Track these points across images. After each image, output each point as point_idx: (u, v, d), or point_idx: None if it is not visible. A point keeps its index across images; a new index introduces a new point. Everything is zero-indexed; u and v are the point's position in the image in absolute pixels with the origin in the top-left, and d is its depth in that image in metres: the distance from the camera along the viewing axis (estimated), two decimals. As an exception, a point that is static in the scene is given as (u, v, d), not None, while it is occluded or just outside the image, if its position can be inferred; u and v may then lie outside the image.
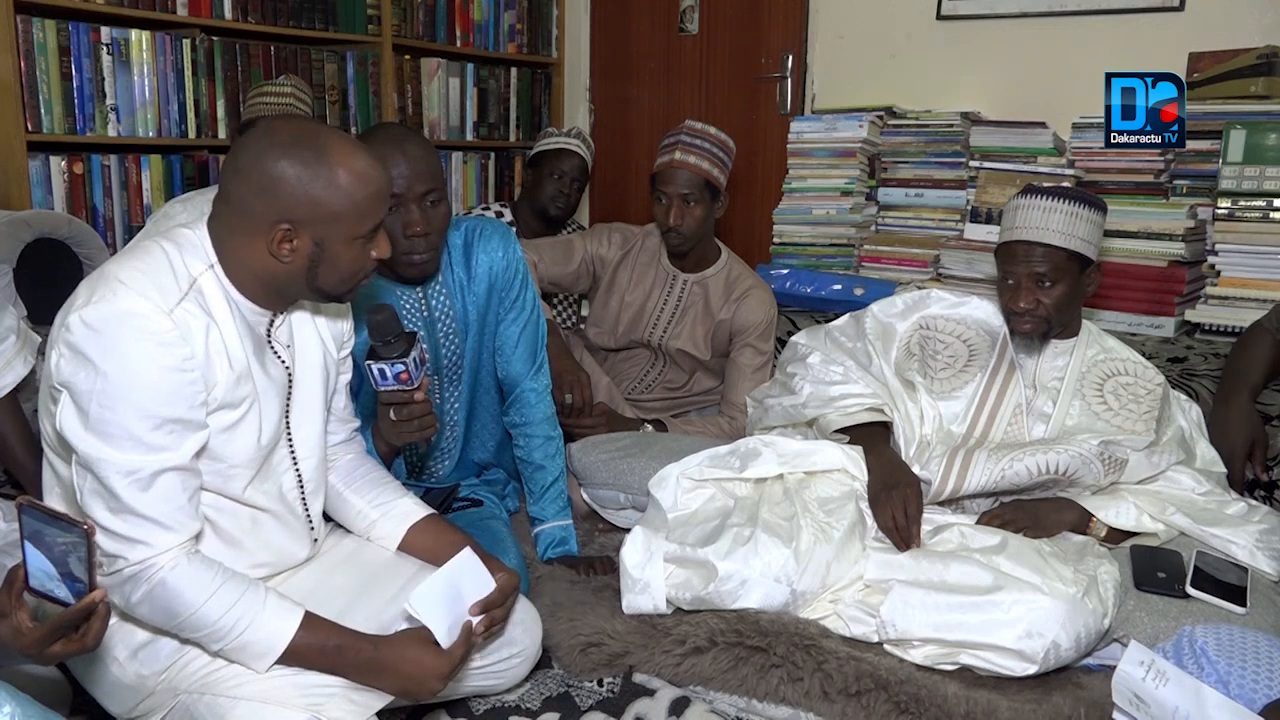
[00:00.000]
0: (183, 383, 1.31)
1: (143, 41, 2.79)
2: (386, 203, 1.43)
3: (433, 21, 3.62)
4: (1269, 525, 1.89)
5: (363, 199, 1.37)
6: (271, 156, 1.34)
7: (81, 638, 1.14)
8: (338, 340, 1.60)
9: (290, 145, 1.34)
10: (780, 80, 3.66)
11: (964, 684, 1.62)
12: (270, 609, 1.35)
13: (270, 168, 1.33)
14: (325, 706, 1.34)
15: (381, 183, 1.40)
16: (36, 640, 1.12)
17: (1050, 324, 1.99)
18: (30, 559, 1.12)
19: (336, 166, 1.35)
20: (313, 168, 1.33)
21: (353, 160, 1.36)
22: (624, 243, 2.65)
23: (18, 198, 2.60)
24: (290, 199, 1.34)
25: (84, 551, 1.10)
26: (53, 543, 1.11)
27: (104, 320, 1.27)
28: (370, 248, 1.42)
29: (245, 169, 1.35)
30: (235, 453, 1.41)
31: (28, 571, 1.13)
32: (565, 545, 2.06)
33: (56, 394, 1.30)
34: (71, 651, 1.14)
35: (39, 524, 1.11)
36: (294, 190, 1.33)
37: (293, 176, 1.33)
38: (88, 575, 1.11)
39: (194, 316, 1.34)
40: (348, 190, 1.35)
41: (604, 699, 1.65)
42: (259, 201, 1.34)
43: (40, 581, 1.13)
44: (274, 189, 1.33)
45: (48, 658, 1.15)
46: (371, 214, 1.39)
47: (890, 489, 1.86)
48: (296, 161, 1.33)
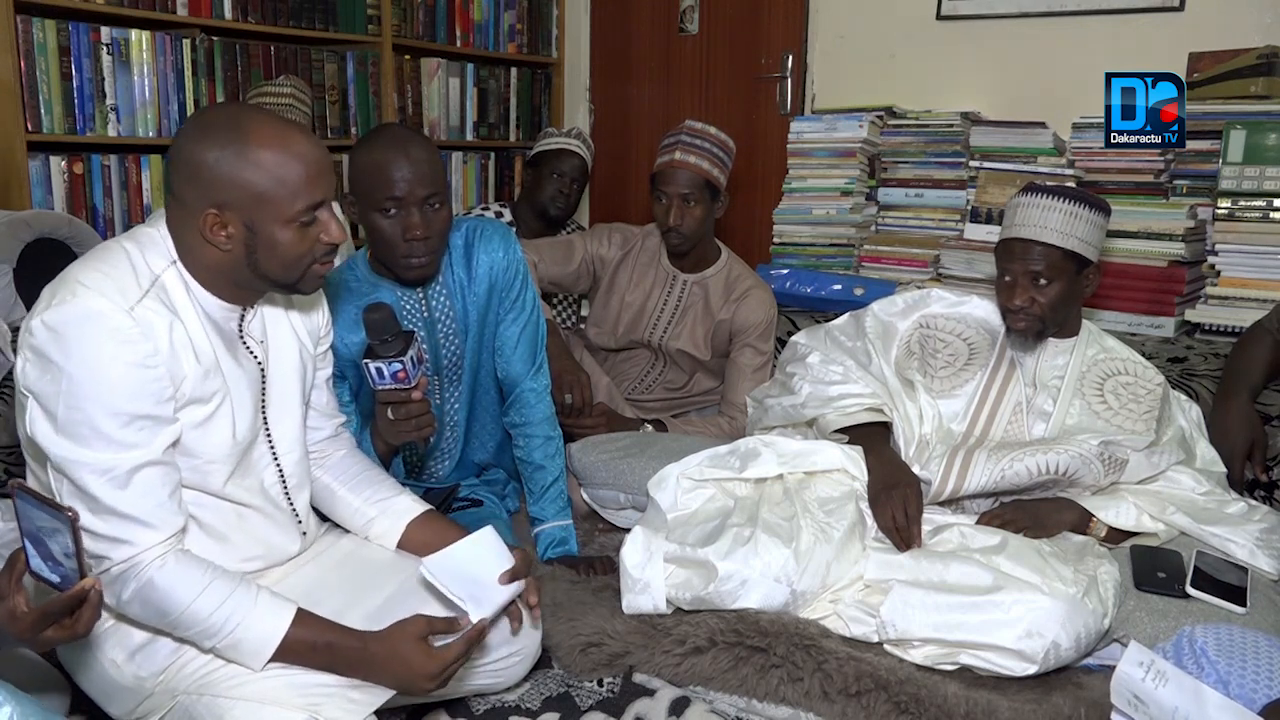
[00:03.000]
0: (147, 379, 1.31)
1: (143, 41, 2.79)
2: (321, 182, 1.37)
3: (433, 21, 3.62)
4: (1269, 525, 1.89)
5: (288, 177, 1.34)
6: (194, 141, 1.33)
7: (73, 625, 1.14)
8: (313, 335, 1.60)
9: (211, 128, 1.34)
10: (780, 80, 3.66)
11: (964, 684, 1.62)
12: (262, 606, 1.35)
13: (193, 153, 1.33)
14: (323, 706, 1.34)
15: (311, 162, 1.35)
16: (30, 625, 1.13)
17: (1045, 322, 1.99)
18: (27, 544, 1.13)
19: (258, 147, 1.33)
20: (233, 147, 1.32)
21: (277, 139, 1.34)
22: (624, 243, 2.65)
23: (18, 198, 2.60)
24: (214, 182, 1.32)
25: (69, 537, 1.10)
26: (42, 527, 1.12)
27: (64, 322, 1.27)
28: (315, 231, 1.39)
29: (175, 158, 1.35)
30: (210, 448, 1.40)
31: (27, 556, 1.14)
32: (565, 545, 2.06)
33: (24, 399, 1.30)
34: (63, 638, 1.15)
35: (31, 508, 1.12)
36: (215, 172, 1.32)
37: (213, 159, 1.32)
38: (77, 562, 1.11)
39: (156, 314, 1.33)
40: (270, 169, 1.33)
41: (604, 699, 1.65)
42: (189, 189, 1.34)
43: (38, 566, 1.14)
44: (198, 174, 1.33)
45: (41, 643, 1.16)
46: (301, 194, 1.35)
47: (890, 489, 1.86)
48: (216, 144, 1.32)
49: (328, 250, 1.42)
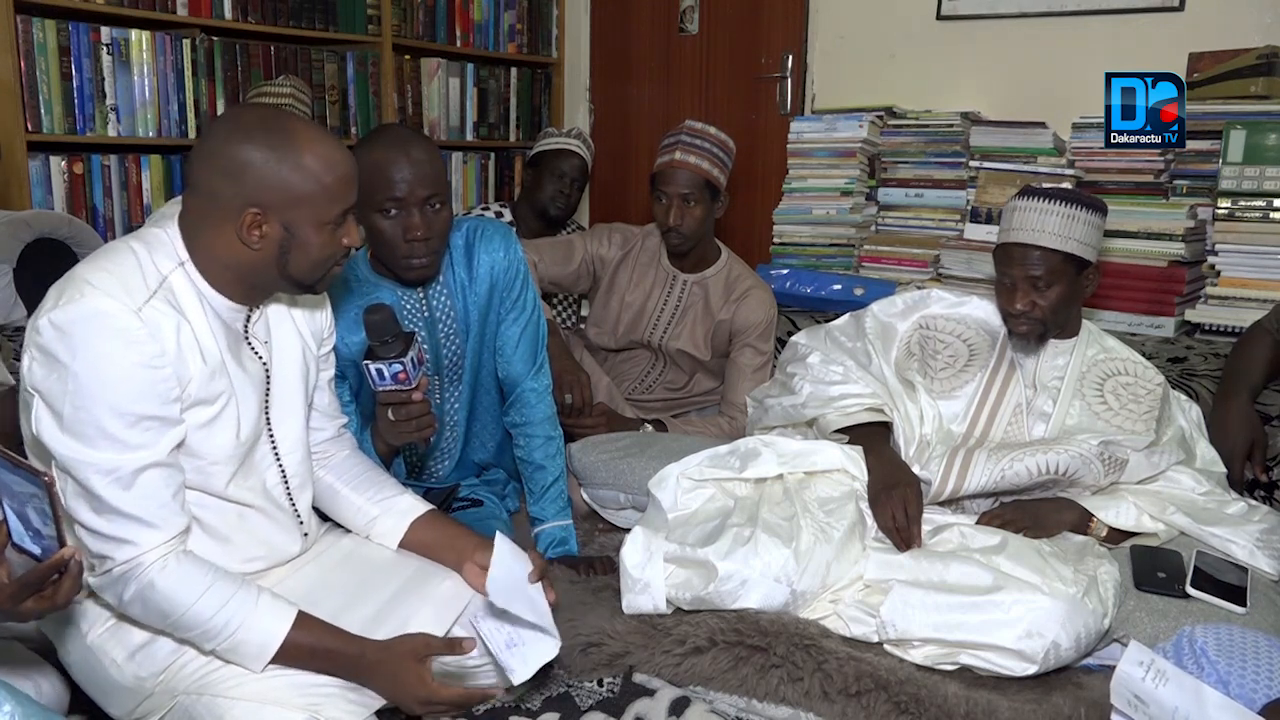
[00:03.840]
0: (154, 379, 1.31)
1: (143, 41, 2.79)
2: (354, 187, 1.42)
3: (433, 21, 3.62)
4: (1269, 525, 1.89)
5: (330, 182, 1.36)
6: (238, 141, 1.33)
7: (52, 595, 1.14)
8: (317, 337, 1.60)
9: (256, 129, 1.34)
10: (780, 80, 3.66)
11: (964, 684, 1.62)
12: (263, 608, 1.35)
13: (237, 152, 1.33)
14: (323, 706, 1.34)
15: (348, 167, 1.40)
16: (9, 596, 1.13)
17: (1047, 325, 1.99)
18: (9, 515, 1.13)
19: (303, 150, 1.34)
20: (280, 151, 1.33)
21: (319, 144, 1.36)
22: (624, 243, 2.65)
23: (18, 198, 2.60)
24: (258, 182, 1.33)
25: (46, 504, 1.09)
26: (19, 494, 1.12)
27: (72, 321, 1.27)
28: (340, 234, 1.41)
29: (212, 155, 1.35)
30: (214, 449, 1.41)
31: (9, 528, 1.14)
32: (565, 545, 2.06)
33: (30, 398, 1.30)
34: (43, 609, 1.15)
35: (6, 473, 1.11)
36: (261, 173, 1.33)
37: (260, 160, 1.33)
38: (55, 530, 1.11)
39: (163, 314, 1.33)
40: (314, 173, 1.35)
41: (604, 699, 1.65)
42: (227, 187, 1.34)
43: (20, 537, 1.14)
44: (241, 173, 1.33)
45: (21, 614, 1.15)
46: (339, 198, 1.38)
47: (890, 489, 1.86)
48: (263, 145, 1.33)
49: (346, 253, 1.45)
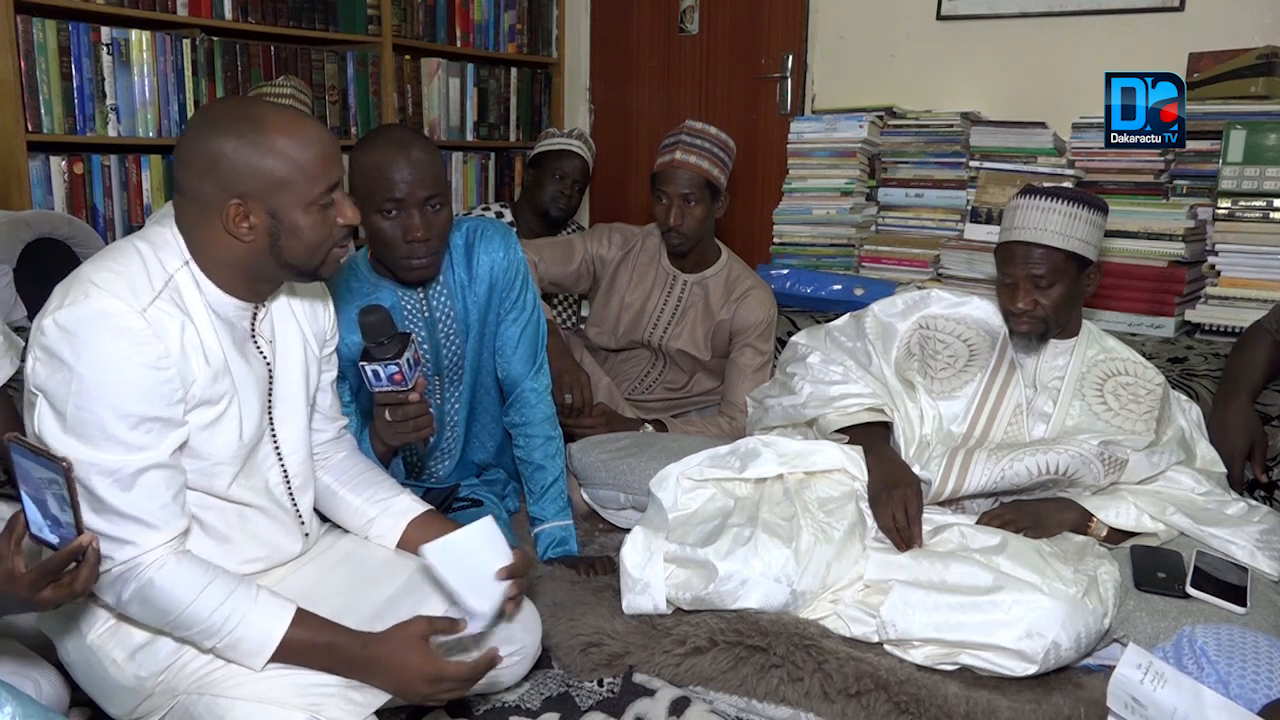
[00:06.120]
0: (159, 380, 1.31)
1: (143, 41, 2.79)
2: (334, 164, 1.41)
3: (433, 21, 3.62)
4: (1269, 525, 1.89)
5: (305, 161, 1.36)
6: (208, 135, 1.34)
7: (70, 583, 1.15)
8: (319, 337, 1.60)
9: (225, 120, 1.35)
10: (780, 80, 3.66)
11: (964, 684, 1.62)
12: (261, 606, 1.35)
13: (209, 146, 1.33)
14: (324, 706, 1.34)
15: (323, 144, 1.39)
16: (28, 584, 1.13)
17: (1049, 324, 1.99)
18: (28, 505, 1.14)
19: (273, 133, 1.34)
20: (249, 137, 1.33)
21: (289, 125, 1.36)
22: (624, 243, 2.65)
23: (18, 198, 2.60)
24: (233, 172, 1.33)
25: (64, 490, 1.09)
26: (39, 481, 1.12)
27: (77, 322, 1.27)
28: (333, 214, 1.41)
29: (187, 155, 1.36)
30: (217, 449, 1.41)
31: (27, 518, 1.14)
32: (565, 545, 2.06)
33: (34, 398, 1.31)
34: (62, 597, 1.16)
35: (27, 460, 1.12)
36: (234, 162, 1.33)
37: (231, 149, 1.33)
38: (74, 516, 1.11)
39: (168, 315, 1.33)
40: (288, 154, 1.35)
41: (604, 699, 1.66)
42: (206, 183, 1.34)
43: (38, 528, 1.14)
44: (216, 166, 1.33)
45: (40, 603, 1.16)
46: (319, 177, 1.38)
47: (890, 489, 1.86)
48: (233, 134, 1.33)
49: (345, 233, 1.44)
